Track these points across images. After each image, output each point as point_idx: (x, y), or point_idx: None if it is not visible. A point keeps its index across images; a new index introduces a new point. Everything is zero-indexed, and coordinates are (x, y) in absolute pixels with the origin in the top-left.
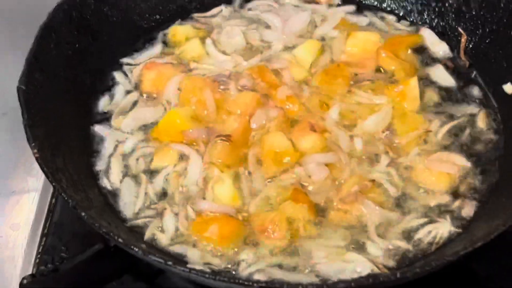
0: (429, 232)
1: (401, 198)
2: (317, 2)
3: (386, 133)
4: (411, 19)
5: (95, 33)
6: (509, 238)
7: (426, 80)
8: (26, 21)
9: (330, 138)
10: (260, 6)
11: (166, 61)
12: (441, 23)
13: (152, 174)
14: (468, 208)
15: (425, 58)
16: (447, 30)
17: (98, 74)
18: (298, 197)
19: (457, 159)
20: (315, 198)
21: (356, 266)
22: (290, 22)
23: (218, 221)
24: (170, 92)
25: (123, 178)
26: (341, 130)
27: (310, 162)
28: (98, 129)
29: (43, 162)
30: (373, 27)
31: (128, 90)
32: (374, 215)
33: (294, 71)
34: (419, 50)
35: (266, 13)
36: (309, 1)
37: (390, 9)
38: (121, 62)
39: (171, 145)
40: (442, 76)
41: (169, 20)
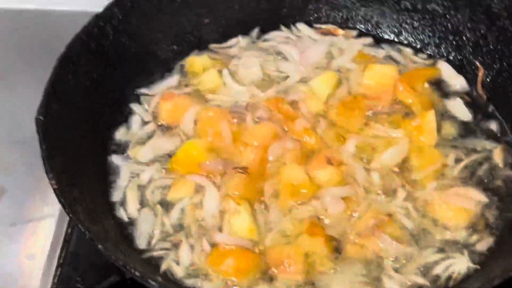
0: (446, 267)
1: (418, 232)
2: (334, 34)
3: (403, 166)
4: (429, 52)
5: (113, 63)
6: None
7: (444, 113)
8: (45, 51)
9: (346, 171)
10: (277, 37)
11: (183, 92)
12: (458, 57)
13: (168, 205)
14: (485, 243)
15: (442, 92)
16: (465, 63)
17: (115, 104)
18: (315, 230)
19: (474, 194)
20: (332, 231)
21: None
22: (307, 54)
23: (234, 254)
24: (187, 123)
25: (140, 210)
26: (357, 164)
27: (326, 195)
28: (115, 159)
29: (61, 194)
30: (390, 60)
31: (145, 121)
32: (391, 250)
33: (311, 103)
34: (436, 83)
35: (283, 44)
36: (326, 33)
37: (407, 42)
38: (138, 93)
39: (188, 176)
40: (460, 109)
41: (186, 50)
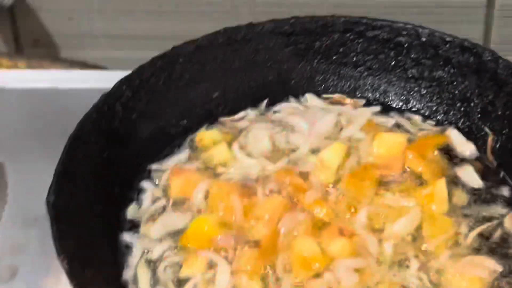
0: None
1: None
2: (342, 103)
3: (415, 236)
4: (437, 119)
5: (124, 141)
6: None
7: (454, 181)
8: (56, 129)
9: (359, 242)
10: (286, 108)
11: (193, 166)
12: (467, 123)
13: (180, 282)
14: None
15: (452, 159)
16: (473, 130)
17: (126, 181)
18: None
19: (488, 263)
20: None
21: None
22: (316, 125)
23: None
24: (197, 198)
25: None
26: (370, 234)
27: (339, 267)
28: (127, 237)
29: (73, 276)
30: (399, 128)
31: (156, 197)
32: None
33: (321, 174)
34: (446, 150)
35: (292, 115)
36: (334, 102)
37: (416, 109)
38: (148, 169)
39: (200, 252)
40: (470, 176)
41: (196, 125)
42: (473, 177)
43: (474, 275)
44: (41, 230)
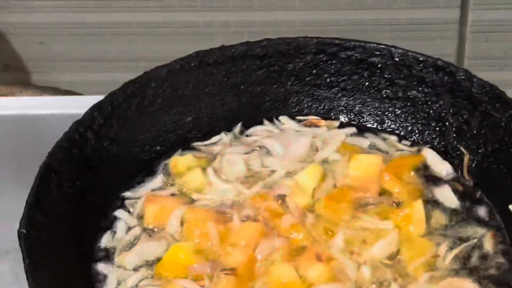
0: None
1: None
2: (317, 125)
3: (393, 258)
4: (412, 139)
5: (96, 169)
6: None
7: (431, 201)
8: (27, 157)
9: (337, 267)
10: (260, 131)
11: (168, 192)
12: (442, 142)
13: None
14: None
15: (428, 179)
16: (449, 149)
17: (100, 210)
18: None
19: (467, 285)
20: None
21: None
22: (291, 148)
23: None
24: (172, 225)
25: None
26: (347, 258)
27: None
28: (101, 267)
29: None
30: (375, 149)
31: (130, 225)
32: None
33: (297, 198)
34: (422, 170)
35: (266, 139)
36: (309, 124)
37: (391, 129)
38: (122, 196)
39: (175, 281)
40: (447, 197)
41: (169, 150)
42: (450, 197)
43: None
44: (13, 262)
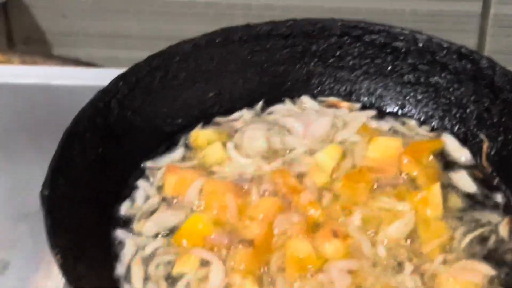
0: None
1: None
2: (338, 107)
3: (409, 240)
4: (432, 125)
5: (118, 138)
6: None
7: (449, 186)
8: (47, 126)
9: (353, 244)
10: (281, 110)
11: (188, 165)
12: (462, 129)
13: (173, 280)
14: None
15: (447, 164)
16: (469, 136)
17: (120, 178)
18: None
19: (481, 268)
20: None
21: None
22: (312, 127)
23: None
24: (191, 196)
25: (144, 285)
26: (364, 237)
27: (333, 269)
28: (120, 233)
29: (66, 269)
30: (394, 132)
31: (149, 195)
32: None
33: (316, 176)
34: (441, 155)
35: (287, 117)
36: (329, 105)
37: (411, 114)
38: (143, 167)
39: (193, 250)
40: (465, 182)
41: (191, 124)
42: (467, 182)
43: (467, 280)
44: (32, 226)
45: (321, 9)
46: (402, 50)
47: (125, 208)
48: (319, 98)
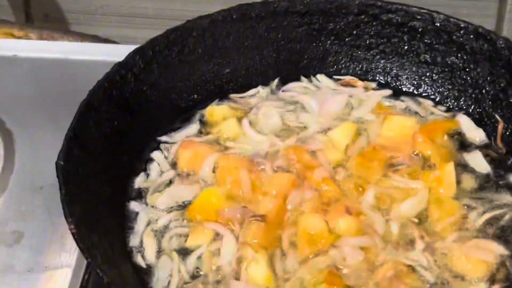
0: None
1: (437, 284)
2: (353, 86)
3: (422, 218)
4: (448, 105)
5: (134, 111)
6: None
7: (463, 166)
8: (64, 99)
9: (365, 221)
10: (296, 88)
11: (202, 140)
12: (477, 110)
13: (185, 253)
14: None
15: (461, 144)
16: (484, 116)
17: (135, 151)
18: (333, 280)
19: (494, 247)
20: (350, 281)
21: None
22: (327, 105)
23: None
24: (205, 171)
25: (157, 256)
26: (376, 214)
27: (345, 245)
28: (133, 206)
29: (79, 238)
30: (409, 112)
31: (164, 169)
32: None
33: (330, 153)
34: (456, 135)
35: (302, 95)
36: (345, 84)
37: (427, 94)
38: (158, 140)
39: (206, 224)
40: (479, 162)
41: (206, 99)
42: (481, 162)
43: (479, 258)
44: (46, 198)
45: None
46: (419, 30)
47: (139, 181)
48: (335, 77)
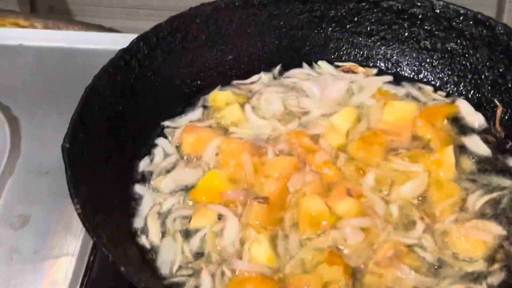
0: None
1: (436, 264)
2: (354, 72)
3: (421, 200)
4: (448, 90)
5: (138, 96)
6: None
7: (462, 149)
8: (70, 87)
9: (366, 203)
10: (298, 74)
11: (205, 125)
12: (477, 95)
13: (189, 233)
14: (503, 275)
15: (460, 128)
16: (483, 101)
17: (139, 135)
18: (334, 260)
19: (492, 227)
20: (351, 261)
21: None
22: (328, 90)
23: (254, 281)
24: (209, 154)
25: (161, 237)
26: (377, 196)
27: (346, 226)
28: (138, 188)
29: (85, 218)
30: (410, 98)
31: (168, 152)
32: (409, 280)
33: (331, 137)
34: (455, 120)
35: (304, 81)
36: (346, 70)
37: (427, 80)
38: (162, 125)
39: (209, 205)
40: (478, 146)
41: (209, 85)
42: (481, 146)
43: (478, 238)
44: (52, 182)
45: None
46: (419, 16)
47: (143, 164)
48: (336, 63)
